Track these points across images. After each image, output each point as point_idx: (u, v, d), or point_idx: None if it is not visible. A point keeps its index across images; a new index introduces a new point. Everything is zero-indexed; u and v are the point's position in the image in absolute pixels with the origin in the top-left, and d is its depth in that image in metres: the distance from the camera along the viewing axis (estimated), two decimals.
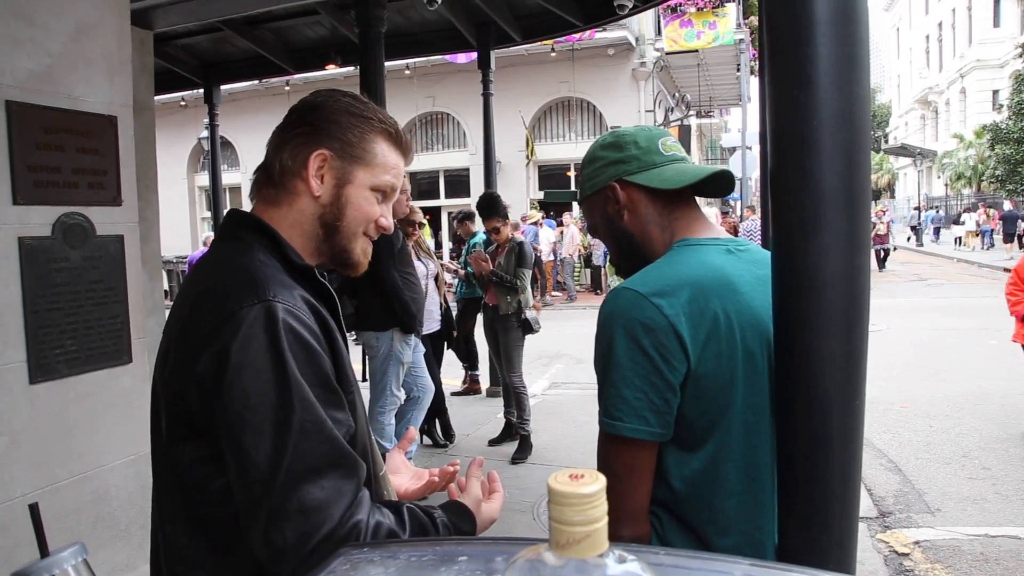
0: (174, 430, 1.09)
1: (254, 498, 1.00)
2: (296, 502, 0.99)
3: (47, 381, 2.39)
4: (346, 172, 1.20)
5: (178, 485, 1.11)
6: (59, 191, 2.44)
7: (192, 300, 1.12)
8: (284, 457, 0.99)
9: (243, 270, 1.10)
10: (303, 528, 0.98)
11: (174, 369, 1.08)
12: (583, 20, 6.95)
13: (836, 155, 1.10)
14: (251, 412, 1.00)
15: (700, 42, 16.95)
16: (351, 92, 1.27)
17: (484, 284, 5.69)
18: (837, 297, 1.16)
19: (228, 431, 1.01)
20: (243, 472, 1.01)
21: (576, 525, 0.46)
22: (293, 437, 1.00)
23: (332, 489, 1.01)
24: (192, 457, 1.08)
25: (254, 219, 1.21)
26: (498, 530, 4.05)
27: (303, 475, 1.00)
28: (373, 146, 1.21)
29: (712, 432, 1.25)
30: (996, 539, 3.91)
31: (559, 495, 0.47)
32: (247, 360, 1.01)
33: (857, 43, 1.08)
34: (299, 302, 1.10)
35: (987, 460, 5.10)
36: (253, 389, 1.00)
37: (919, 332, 10.11)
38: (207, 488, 1.08)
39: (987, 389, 7.00)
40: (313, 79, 16.01)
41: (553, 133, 19.81)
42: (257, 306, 1.04)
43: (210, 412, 1.03)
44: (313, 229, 1.21)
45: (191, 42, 7.75)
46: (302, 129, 1.20)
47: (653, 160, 1.37)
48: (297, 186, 1.20)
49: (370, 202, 1.23)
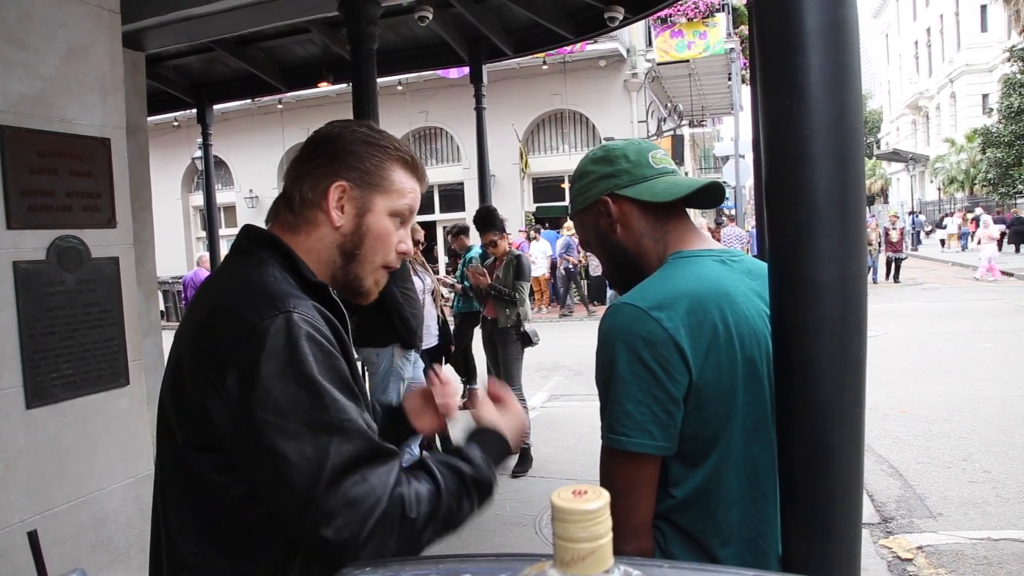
0: (191, 439, 1.10)
1: (303, 503, 1.02)
2: (342, 497, 1.01)
3: (44, 405, 2.38)
4: (365, 201, 1.23)
5: (188, 492, 1.13)
6: (53, 215, 2.44)
7: (206, 314, 1.13)
8: (327, 458, 1.02)
9: (259, 285, 1.12)
10: (354, 518, 1.01)
11: (192, 383, 1.09)
12: (574, 33, 6.99)
13: (830, 164, 1.10)
14: (287, 419, 1.02)
15: (691, 52, 17.05)
16: (366, 122, 1.31)
17: (482, 298, 5.69)
18: (835, 305, 1.15)
19: (265, 442, 1.02)
20: (286, 479, 1.02)
21: (581, 542, 0.46)
22: (332, 437, 1.03)
23: (374, 477, 1.05)
24: (209, 464, 1.10)
25: (269, 235, 1.23)
26: (500, 545, 4.03)
27: (345, 471, 1.03)
28: (390, 174, 1.24)
29: (715, 443, 1.25)
30: (999, 543, 3.90)
31: (563, 512, 0.46)
32: (274, 371, 1.03)
33: (848, 51, 1.08)
34: (314, 312, 1.12)
35: (987, 463, 5.10)
36: (285, 398, 1.03)
37: (915, 337, 10.13)
38: (224, 495, 1.10)
39: (985, 392, 7.01)
40: (306, 97, 16.10)
41: (547, 146, 19.87)
42: (279, 317, 1.06)
43: (238, 425, 1.04)
44: (330, 257, 1.24)
45: (183, 62, 7.77)
46: (320, 160, 1.23)
47: (643, 173, 1.38)
48: (317, 216, 1.22)
49: (389, 229, 1.26)
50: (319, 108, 17.67)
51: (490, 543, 4.01)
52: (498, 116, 14.86)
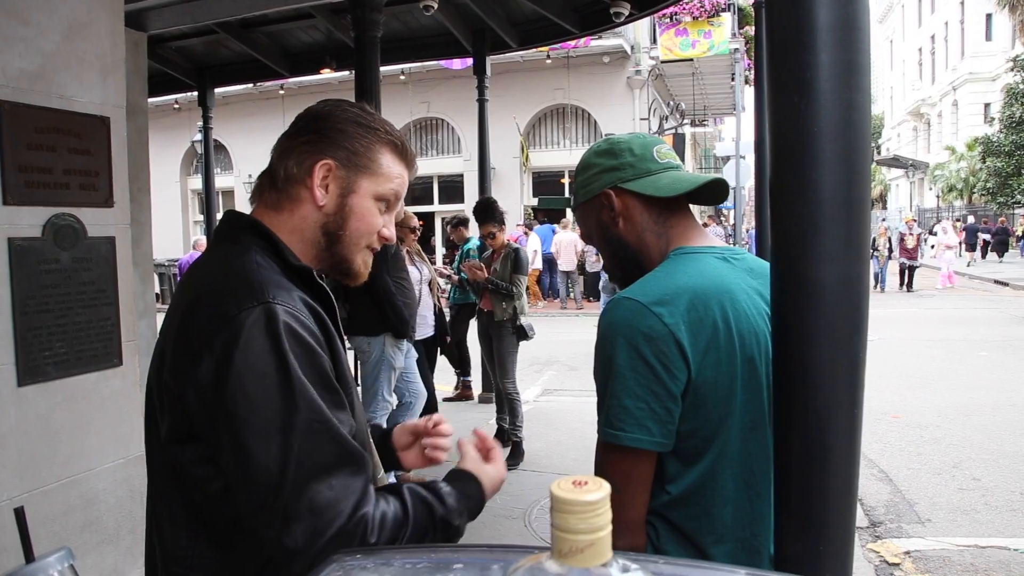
0: (172, 431, 1.09)
1: (263, 500, 1.00)
2: (306, 502, 0.99)
3: (35, 384, 2.36)
4: (351, 182, 1.20)
5: (176, 485, 1.11)
6: (50, 192, 2.42)
7: (188, 302, 1.11)
8: (291, 458, 0.99)
9: (240, 273, 1.10)
10: (314, 527, 0.99)
11: (172, 372, 1.07)
12: (579, 28, 6.96)
13: (836, 163, 1.09)
14: (256, 416, 1.00)
15: (695, 51, 17.00)
16: (358, 103, 1.28)
17: (479, 291, 5.68)
18: (837, 306, 1.15)
19: (232, 435, 1.00)
20: (249, 475, 1.00)
21: (580, 533, 0.45)
22: (299, 438, 1.00)
23: (341, 487, 1.01)
24: (190, 458, 1.08)
25: (250, 220, 1.20)
26: (490, 537, 4.03)
27: (311, 475, 1.00)
28: (378, 156, 1.22)
29: (712, 441, 1.24)
30: (986, 550, 3.92)
31: (562, 502, 0.45)
32: (249, 364, 1.01)
33: (859, 50, 1.07)
34: (298, 303, 1.09)
35: (977, 471, 5.12)
36: (256, 392, 1.00)
37: (910, 343, 10.16)
38: (206, 488, 1.08)
39: (977, 400, 7.03)
40: (308, 83, 16.02)
41: (548, 140, 19.83)
42: (257, 308, 1.03)
43: (211, 416, 1.02)
44: (315, 237, 1.21)
45: (185, 44, 7.73)
46: (308, 137, 1.20)
47: (648, 168, 1.37)
48: (301, 193, 1.20)
49: (373, 212, 1.23)
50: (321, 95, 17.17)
51: (480, 536, 4.00)
52: (500, 109, 14.84)
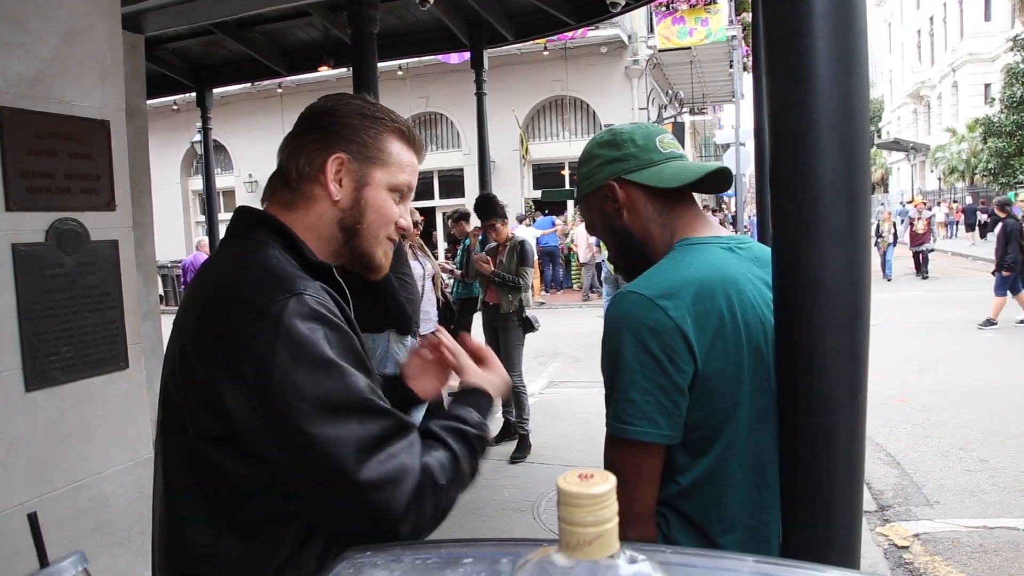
0: (203, 429, 1.08)
1: (336, 483, 1.02)
2: (376, 474, 1.02)
3: (43, 388, 2.37)
4: (364, 174, 1.20)
5: (203, 485, 1.11)
6: (52, 197, 2.42)
7: (208, 298, 1.11)
8: (353, 438, 1.02)
9: (264, 267, 1.11)
10: (391, 493, 1.02)
11: (203, 372, 1.06)
12: (576, 18, 6.94)
13: (836, 149, 1.09)
14: (310, 404, 1.01)
15: (692, 39, 16.95)
16: (359, 95, 1.28)
17: (485, 284, 5.69)
18: (839, 292, 1.15)
19: (289, 427, 1.01)
20: (317, 462, 1.01)
21: (587, 526, 0.45)
22: (356, 417, 1.03)
23: (401, 451, 1.05)
24: (223, 455, 1.08)
25: (265, 216, 1.20)
26: (499, 530, 4.03)
27: (373, 449, 1.03)
28: (388, 145, 1.22)
29: (720, 432, 1.24)
30: (994, 531, 3.93)
31: (569, 496, 0.46)
32: (292, 355, 1.02)
33: (856, 36, 1.07)
34: (323, 293, 1.11)
35: (984, 452, 5.12)
36: (305, 382, 1.01)
37: (914, 326, 10.14)
38: (239, 486, 1.08)
39: (982, 382, 7.02)
40: (306, 81, 15.98)
41: (547, 132, 19.80)
42: (291, 299, 1.05)
43: (259, 412, 1.03)
44: (331, 233, 1.21)
45: (182, 45, 7.71)
46: (316, 134, 1.20)
47: (651, 158, 1.36)
48: (315, 191, 1.20)
49: (388, 203, 1.23)
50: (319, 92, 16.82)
51: (489, 528, 4.02)
52: (499, 102, 14.80)
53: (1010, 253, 9.73)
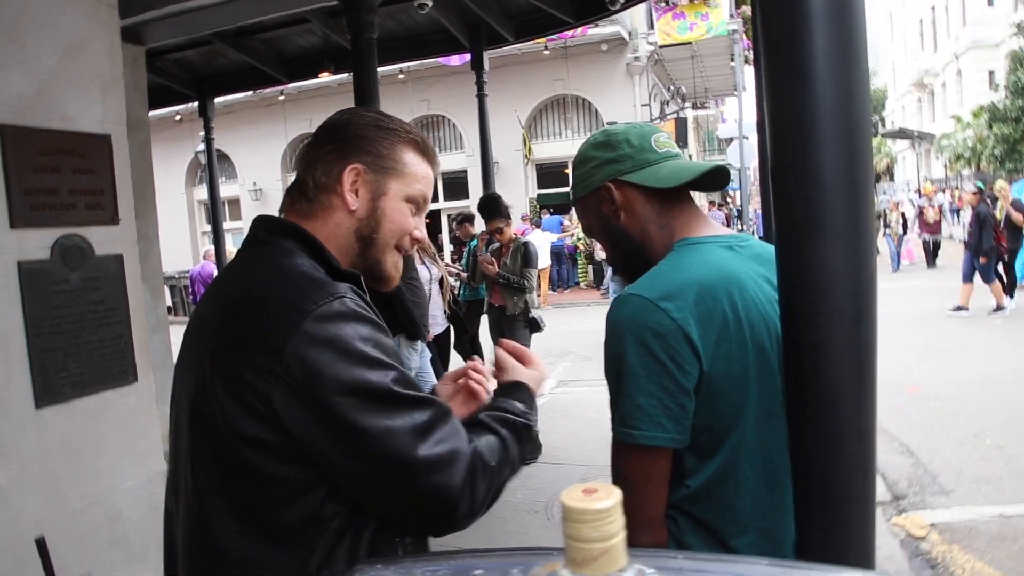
0: (242, 435, 1.08)
1: (396, 469, 1.06)
2: (432, 457, 1.06)
3: (53, 405, 2.38)
4: (380, 184, 1.23)
5: (240, 492, 1.10)
6: (56, 213, 2.43)
7: (238, 304, 1.13)
8: (406, 426, 1.06)
9: (300, 272, 1.13)
10: (448, 473, 1.07)
11: (242, 375, 1.06)
12: (575, 17, 6.93)
13: (837, 146, 1.08)
14: (362, 398, 1.05)
15: (693, 34, 16.90)
16: (373, 108, 1.31)
17: (490, 285, 5.69)
18: (844, 287, 1.14)
19: (341, 422, 1.04)
20: (370, 454, 1.06)
21: (593, 542, 0.45)
22: (405, 407, 1.07)
23: (449, 436, 1.09)
24: (266, 457, 1.08)
25: (291, 225, 1.22)
26: (512, 531, 4.01)
27: (426, 434, 1.07)
28: (403, 156, 1.24)
29: (729, 433, 1.23)
30: (1011, 518, 3.89)
31: (573, 512, 0.45)
32: (339, 353, 1.05)
33: (854, 32, 1.06)
34: (358, 296, 1.14)
35: (999, 439, 5.07)
36: (354, 378, 1.05)
37: (923, 315, 10.08)
38: (280, 489, 1.09)
39: (994, 369, 6.97)
40: (307, 87, 16.05)
41: (549, 131, 19.78)
42: (334, 302, 1.08)
43: (312, 411, 1.05)
44: (348, 243, 1.23)
45: (183, 56, 7.74)
46: (332, 146, 1.23)
47: (647, 158, 1.35)
48: (332, 201, 1.22)
49: (404, 213, 1.26)
50: (321, 99, 17.61)
51: (502, 530, 4.02)
52: (500, 103, 14.80)
53: (985, 240, 9.68)
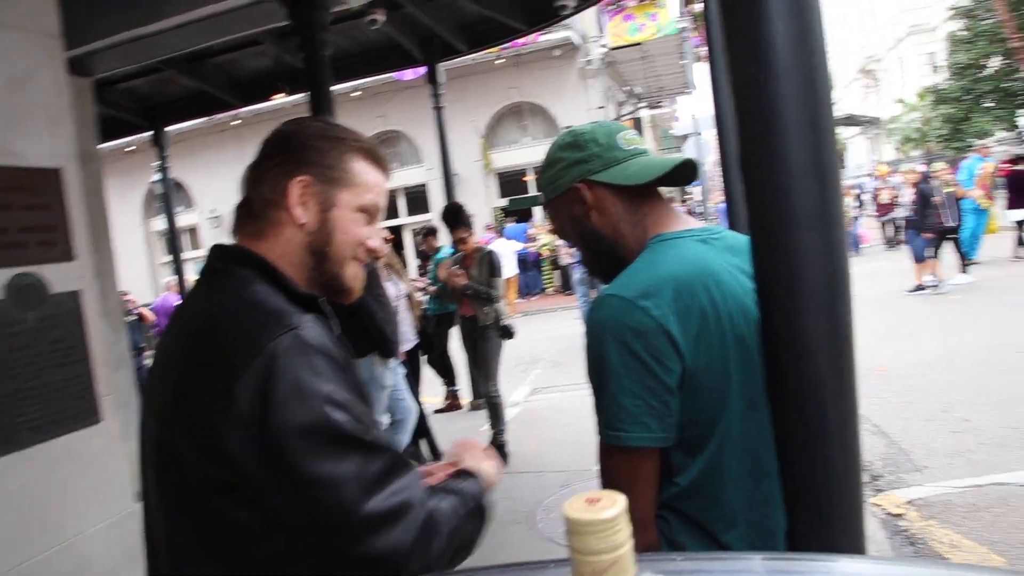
0: (208, 477, 1.03)
1: (342, 521, 0.99)
2: (381, 511, 1.00)
3: (13, 452, 2.28)
4: (329, 196, 1.17)
5: (209, 534, 1.06)
6: (8, 252, 2.34)
7: (197, 338, 1.08)
8: (359, 474, 1.00)
9: (255, 302, 1.07)
10: (397, 530, 1.00)
11: (199, 413, 1.02)
12: (526, 24, 6.95)
13: (802, 130, 1.09)
14: (312, 442, 0.98)
15: (643, 34, 17.08)
16: (320, 117, 1.26)
17: (457, 298, 5.65)
18: (817, 273, 1.15)
19: (291, 467, 0.98)
20: (321, 501, 0.99)
21: (600, 553, 0.42)
22: (359, 453, 1.01)
23: (406, 488, 1.03)
24: (229, 501, 1.03)
25: (245, 252, 1.16)
26: (495, 544, 3.95)
27: (377, 486, 1.01)
28: (352, 166, 1.19)
29: (714, 428, 1.22)
30: (984, 488, 3.96)
31: (579, 524, 0.42)
32: (291, 390, 0.99)
33: (811, 13, 1.07)
34: (318, 326, 1.08)
35: (966, 412, 5.17)
36: (306, 419, 0.98)
37: (883, 297, 10.25)
38: (245, 532, 1.04)
39: (956, 345, 7.13)
40: (262, 111, 15.84)
41: (507, 139, 19.82)
42: (288, 335, 1.02)
43: (260, 452, 0.99)
44: (302, 259, 1.18)
45: (133, 85, 7.61)
46: (278, 159, 1.18)
47: (615, 156, 1.34)
48: (281, 216, 1.17)
49: (357, 224, 1.20)
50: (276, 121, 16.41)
51: (486, 543, 3.95)
52: (457, 114, 14.76)
53: (928, 216, 9.88)
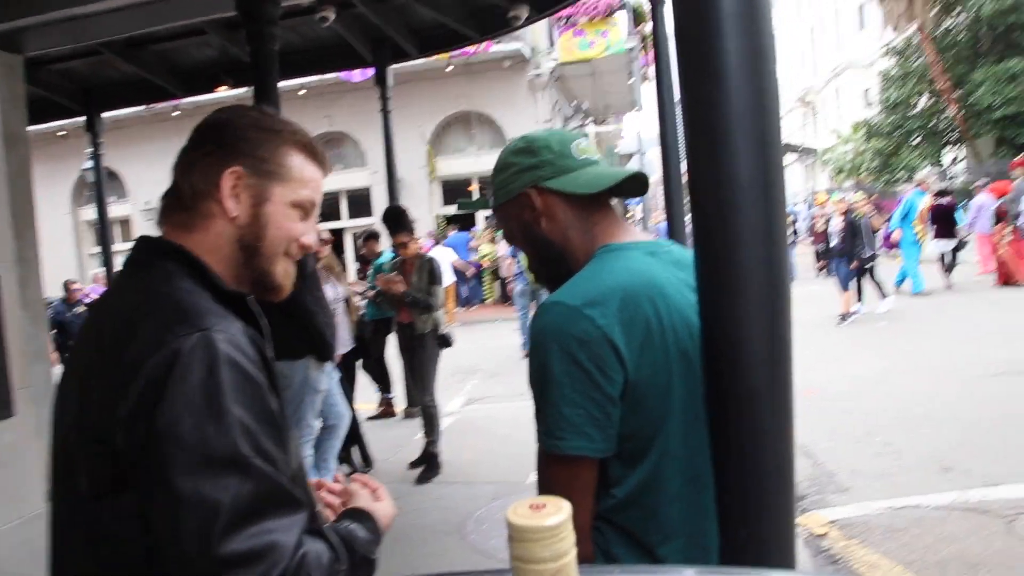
0: (94, 484, 0.97)
1: (191, 551, 0.90)
2: (241, 548, 0.89)
3: None
4: (262, 190, 1.12)
5: (97, 551, 0.99)
6: None
7: (107, 334, 1.01)
8: (226, 501, 0.90)
9: (170, 299, 1.01)
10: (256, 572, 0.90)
11: (96, 413, 0.96)
12: (478, 33, 6.96)
13: (751, 148, 1.10)
14: (186, 453, 0.90)
15: (593, 51, 17.32)
16: (257, 106, 1.20)
17: (396, 304, 5.55)
18: (759, 290, 1.16)
19: (160, 476, 0.91)
20: (178, 520, 0.90)
21: (544, 561, 0.40)
22: (235, 477, 0.91)
23: (279, 528, 0.93)
24: (116, 514, 0.96)
25: (170, 245, 1.10)
26: (426, 555, 3.91)
27: (247, 518, 0.91)
28: (288, 160, 1.14)
29: (654, 441, 1.23)
30: (901, 510, 4.11)
31: (523, 531, 0.40)
32: (185, 396, 0.92)
33: (763, 35, 1.09)
34: (238, 332, 1.01)
35: (888, 436, 5.36)
36: (189, 428, 0.91)
37: (812, 320, 10.57)
38: (133, 550, 0.97)
39: (880, 369, 7.41)
40: (203, 102, 15.43)
41: (453, 147, 19.79)
42: (194, 336, 0.95)
43: (141, 456, 0.92)
44: (232, 253, 1.12)
45: (68, 67, 7.30)
46: (210, 148, 1.12)
47: (567, 164, 1.34)
48: (211, 208, 1.11)
49: (291, 219, 1.15)
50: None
51: (417, 554, 3.92)
52: (404, 119, 14.66)
53: (858, 245, 10.26)
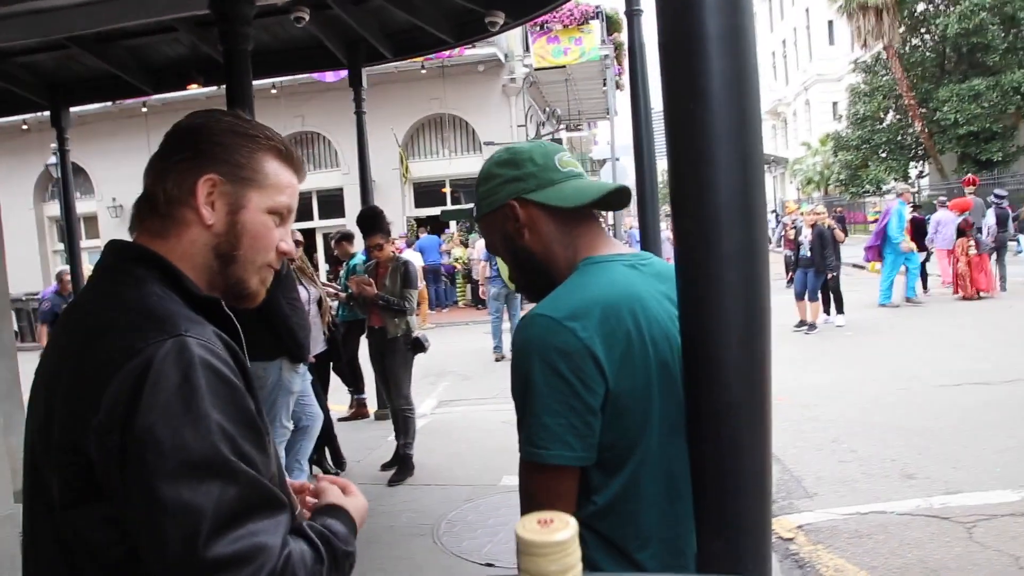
0: (66, 492, 0.95)
1: (177, 557, 0.89)
2: (227, 553, 0.89)
3: None
4: (239, 197, 1.10)
5: (66, 560, 0.98)
6: None
7: (79, 342, 1.00)
8: (210, 506, 0.90)
9: (142, 305, 1.00)
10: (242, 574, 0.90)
11: (68, 421, 0.95)
12: (454, 37, 6.97)
13: (732, 165, 1.12)
14: (167, 460, 0.89)
15: (567, 58, 17.43)
16: (232, 111, 1.17)
17: (367, 307, 5.51)
18: (739, 305, 1.18)
19: (140, 484, 0.90)
20: (162, 528, 0.89)
21: (553, 575, 0.42)
22: (218, 482, 0.91)
23: (263, 531, 0.93)
24: (89, 522, 0.95)
25: (142, 249, 1.09)
26: (398, 557, 3.89)
27: (231, 522, 0.91)
28: (264, 166, 1.13)
29: (633, 450, 1.25)
30: (867, 516, 4.20)
31: (532, 546, 0.42)
32: (160, 402, 0.91)
33: (747, 57, 1.11)
34: (212, 336, 1.01)
35: (853, 443, 5.47)
36: (167, 434, 0.90)
37: (782, 329, 10.74)
38: (104, 557, 0.96)
39: (847, 377, 7.56)
40: (173, 100, 15.24)
41: (426, 150, 19.79)
42: (168, 341, 0.94)
43: (116, 464, 0.91)
44: (206, 261, 1.11)
45: (33, 60, 7.17)
46: (185, 154, 1.10)
47: (551, 177, 1.35)
48: (186, 216, 1.09)
49: (268, 227, 1.14)
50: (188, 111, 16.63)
51: (388, 556, 3.91)
52: (377, 121, 14.61)
53: (828, 256, 10.44)
